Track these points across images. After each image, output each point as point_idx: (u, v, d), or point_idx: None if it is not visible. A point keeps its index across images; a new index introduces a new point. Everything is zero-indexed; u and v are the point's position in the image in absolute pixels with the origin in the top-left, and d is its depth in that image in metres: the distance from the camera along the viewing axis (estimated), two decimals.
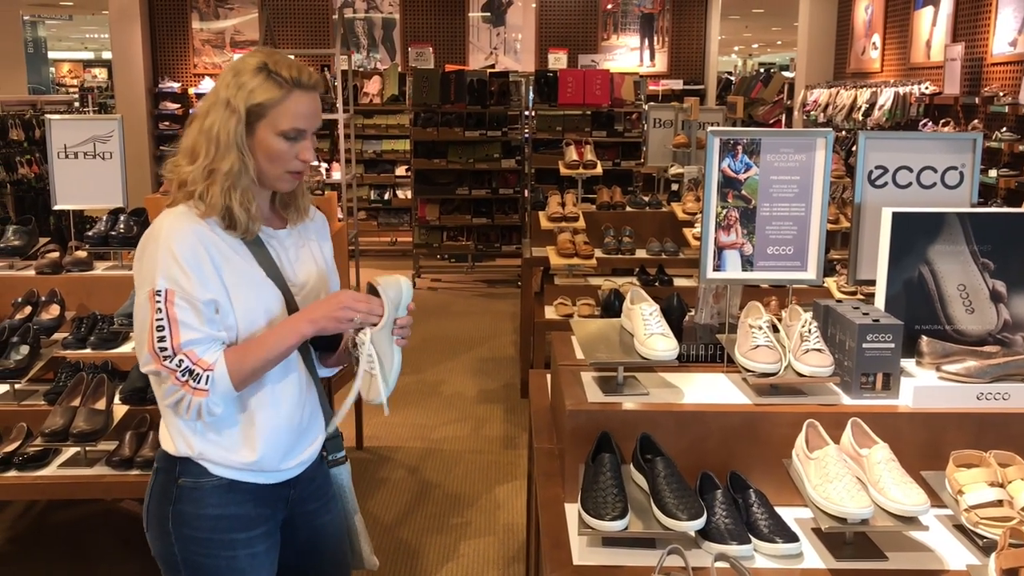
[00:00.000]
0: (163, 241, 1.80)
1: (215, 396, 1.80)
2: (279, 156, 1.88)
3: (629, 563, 2.01)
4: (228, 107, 1.85)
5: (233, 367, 1.82)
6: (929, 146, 2.63)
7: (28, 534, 4.00)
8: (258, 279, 1.91)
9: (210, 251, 1.83)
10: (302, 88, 1.88)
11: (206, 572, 1.95)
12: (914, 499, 1.97)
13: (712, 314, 2.84)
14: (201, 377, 1.78)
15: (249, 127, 1.86)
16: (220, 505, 1.93)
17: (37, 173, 8.57)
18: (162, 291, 1.78)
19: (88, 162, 4.01)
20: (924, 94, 7.78)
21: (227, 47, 12.29)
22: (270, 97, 1.85)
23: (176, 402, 1.81)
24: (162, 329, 1.77)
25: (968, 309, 2.50)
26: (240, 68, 1.88)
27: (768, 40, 23.55)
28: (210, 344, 1.81)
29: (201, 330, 1.80)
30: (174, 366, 1.78)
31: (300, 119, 1.88)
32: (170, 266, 1.79)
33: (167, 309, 1.78)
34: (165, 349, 1.78)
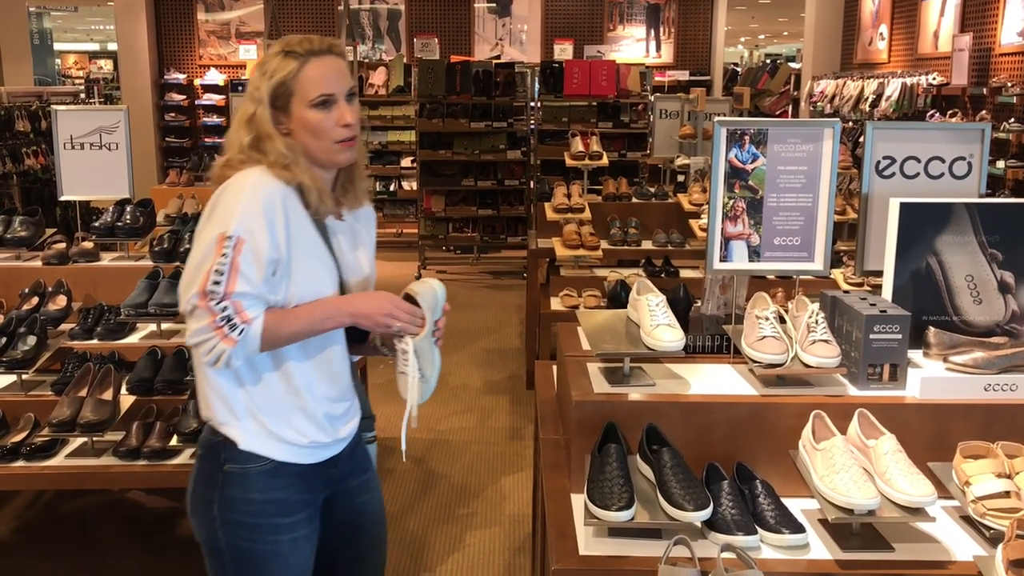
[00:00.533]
0: (248, 191, 1.84)
1: (240, 350, 1.82)
2: (320, 128, 1.91)
3: (635, 553, 2.01)
4: (253, 97, 1.92)
5: (268, 330, 1.84)
6: (937, 136, 2.62)
7: (35, 524, 4.01)
8: (323, 256, 1.96)
9: (288, 214, 1.87)
10: (315, 54, 1.92)
11: (251, 556, 1.98)
12: (921, 490, 1.97)
13: (718, 305, 2.83)
14: (237, 328, 1.80)
15: (283, 110, 1.92)
16: (266, 489, 1.96)
17: (43, 164, 8.56)
18: (233, 237, 1.80)
19: (94, 153, 4.02)
20: (931, 85, 7.74)
21: (232, 38, 12.29)
22: (288, 71, 1.90)
23: (200, 343, 1.81)
24: (221, 273, 1.79)
25: (976, 300, 2.49)
26: (262, 60, 1.97)
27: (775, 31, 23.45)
28: (257, 301, 1.84)
29: (256, 286, 1.82)
30: (218, 310, 1.79)
31: (323, 84, 1.91)
32: (249, 216, 1.82)
33: (233, 256, 1.80)
34: (216, 292, 1.79)
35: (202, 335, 1.80)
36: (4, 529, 3.94)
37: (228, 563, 1.99)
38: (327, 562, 2.16)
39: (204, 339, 1.80)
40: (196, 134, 12.24)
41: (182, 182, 6.56)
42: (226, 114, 11.38)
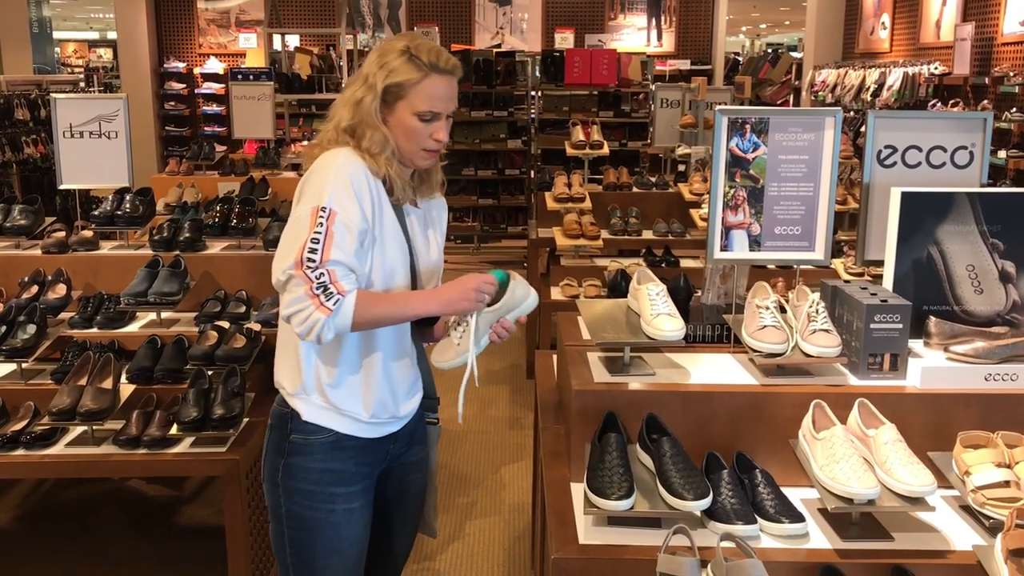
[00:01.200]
0: (338, 167, 1.93)
1: (333, 322, 1.86)
2: (414, 134, 2.01)
3: (635, 542, 2.01)
4: (366, 83, 2.00)
5: (361, 306, 1.90)
6: (939, 125, 2.61)
7: (36, 512, 4.02)
8: (397, 234, 2.04)
9: (373, 192, 1.97)
10: (439, 72, 1.99)
11: (306, 523, 2.07)
12: (921, 480, 1.97)
13: (719, 295, 2.83)
14: (333, 297, 1.86)
15: (389, 105, 2.01)
16: (326, 459, 2.05)
17: (43, 153, 8.55)
18: (327, 209, 1.88)
19: (94, 141, 4.01)
20: (933, 74, 7.71)
21: (232, 26, 12.25)
22: (408, 78, 1.97)
23: (295, 312, 1.86)
24: (317, 242, 1.87)
25: (977, 290, 2.48)
26: (385, 49, 2.02)
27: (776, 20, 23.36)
28: (349, 273, 1.91)
29: (349, 255, 1.90)
30: (314, 277, 1.86)
31: (436, 101, 2.00)
32: (339, 190, 1.91)
33: (328, 226, 1.88)
34: (313, 260, 1.86)
35: (298, 304, 1.86)
36: (5, 518, 3.95)
37: (286, 529, 2.09)
38: None
39: (300, 308, 1.86)
40: (196, 123, 12.21)
41: (182, 171, 6.55)
42: (226, 103, 11.35)
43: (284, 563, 2.13)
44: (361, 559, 2.15)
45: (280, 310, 1.93)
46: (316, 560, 2.08)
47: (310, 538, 2.07)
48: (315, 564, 2.09)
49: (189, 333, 3.45)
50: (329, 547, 2.08)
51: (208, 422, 2.99)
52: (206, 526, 3.84)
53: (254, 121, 7.06)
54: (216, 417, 2.98)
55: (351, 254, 1.91)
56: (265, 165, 6.76)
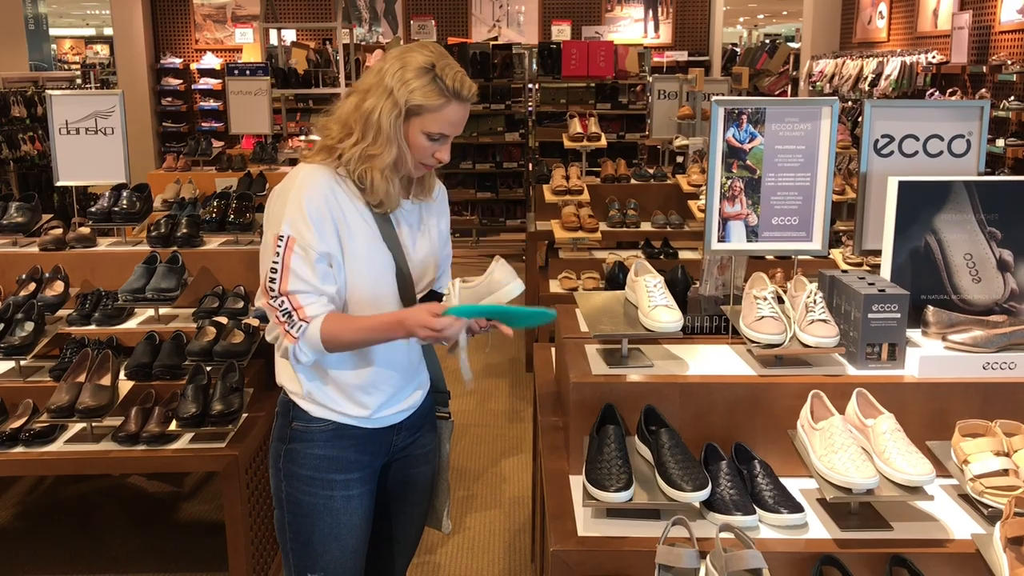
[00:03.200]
0: (295, 191, 1.95)
1: (303, 345, 1.94)
2: (418, 151, 2.00)
3: (634, 534, 2.01)
4: (390, 98, 1.95)
5: (328, 332, 1.94)
6: (935, 114, 2.60)
7: (36, 510, 4.02)
8: (375, 244, 2.02)
9: (336, 208, 1.97)
10: (460, 100, 1.99)
11: (304, 508, 2.10)
12: (919, 469, 1.97)
13: (717, 286, 2.82)
14: (296, 324, 1.92)
15: (405, 117, 1.98)
16: (325, 446, 2.09)
17: (40, 150, 8.54)
18: (284, 237, 1.93)
19: (90, 138, 4.00)
20: (931, 63, 7.70)
21: (228, 22, 12.22)
22: (429, 103, 1.95)
23: (275, 339, 1.98)
24: (275, 271, 1.93)
25: (975, 278, 2.48)
26: (408, 61, 1.96)
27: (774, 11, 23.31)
28: (316, 296, 1.94)
29: (309, 282, 1.93)
30: (276, 305, 1.94)
31: (448, 127, 2.00)
32: (295, 215, 1.93)
33: (284, 255, 1.93)
34: (273, 290, 1.94)
35: (272, 331, 1.98)
36: (5, 515, 3.95)
37: (286, 514, 2.13)
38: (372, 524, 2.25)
39: (276, 334, 1.97)
40: (193, 119, 12.19)
41: (179, 167, 6.54)
42: (223, 98, 11.32)
43: (285, 547, 2.16)
44: (360, 547, 2.16)
45: (266, 336, 2.02)
46: (314, 545, 2.11)
47: (308, 523, 2.10)
48: (313, 549, 2.11)
49: (187, 329, 3.44)
50: (327, 532, 2.10)
51: (207, 418, 2.99)
52: (206, 522, 3.84)
53: (251, 116, 7.05)
54: (215, 413, 2.98)
55: (311, 279, 1.93)
56: (262, 160, 6.75)
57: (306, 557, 2.13)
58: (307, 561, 2.13)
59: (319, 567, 2.12)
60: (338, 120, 2.03)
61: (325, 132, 2.04)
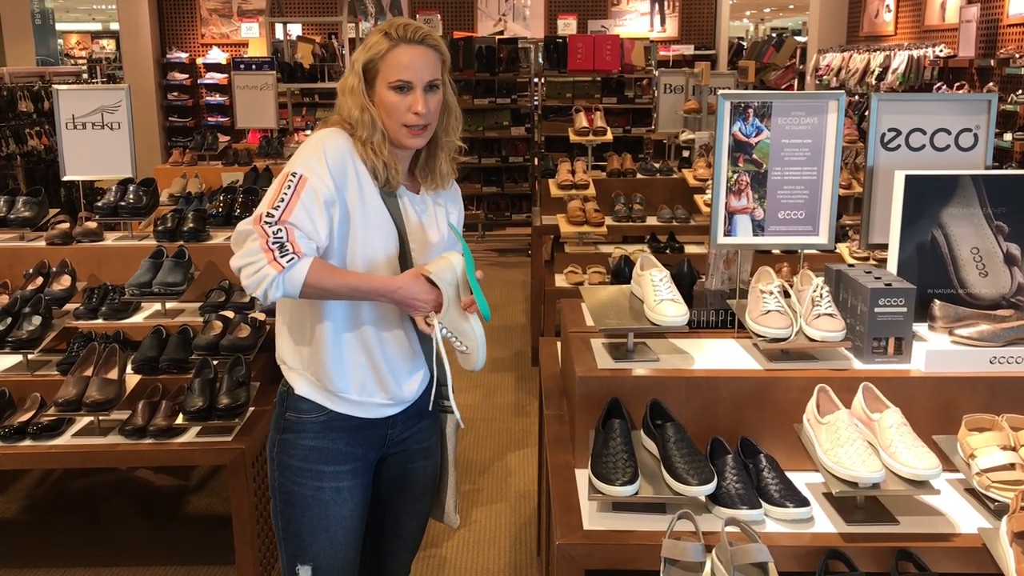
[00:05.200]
0: (316, 141, 1.98)
1: (283, 279, 1.86)
2: (392, 109, 2.01)
3: (639, 528, 2.01)
4: (352, 68, 2.05)
5: (315, 272, 1.89)
6: (943, 108, 2.60)
7: (44, 503, 4.04)
8: (383, 217, 2.04)
9: (352, 168, 1.99)
10: (407, 42, 2.00)
11: (293, 499, 2.11)
12: (926, 463, 1.96)
13: (723, 280, 2.82)
14: (288, 255, 1.86)
15: (370, 84, 2.03)
16: (316, 438, 2.09)
17: (47, 145, 8.56)
18: (297, 174, 1.93)
19: (96, 132, 4.01)
20: (938, 57, 7.67)
21: (234, 16, 12.22)
22: (378, 51, 2.00)
23: (247, 264, 1.87)
24: (282, 201, 1.89)
25: (982, 273, 2.47)
26: (369, 34, 2.08)
27: (780, 4, 23.21)
28: (310, 238, 1.91)
29: (312, 220, 1.91)
30: (271, 232, 1.87)
31: (403, 70, 1.99)
32: (312, 159, 1.94)
33: (296, 189, 1.91)
34: (272, 216, 1.88)
35: (251, 256, 1.87)
36: (13, 508, 3.97)
37: (278, 503, 2.14)
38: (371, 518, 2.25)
39: (252, 260, 1.86)
40: (199, 113, 12.20)
41: (185, 161, 6.56)
42: (228, 93, 11.33)
43: (279, 536, 2.18)
44: (350, 540, 2.15)
45: (232, 261, 1.92)
46: (304, 536, 2.12)
47: (298, 513, 2.11)
48: (303, 539, 2.12)
49: (194, 323, 3.45)
50: (315, 523, 2.10)
51: (213, 411, 3.00)
52: (213, 515, 3.85)
53: (257, 111, 7.06)
54: (221, 406, 2.99)
55: (314, 219, 1.91)
56: (268, 154, 6.75)
57: (296, 547, 2.14)
58: (297, 551, 2.14)
59: (308, 557, 2.13)
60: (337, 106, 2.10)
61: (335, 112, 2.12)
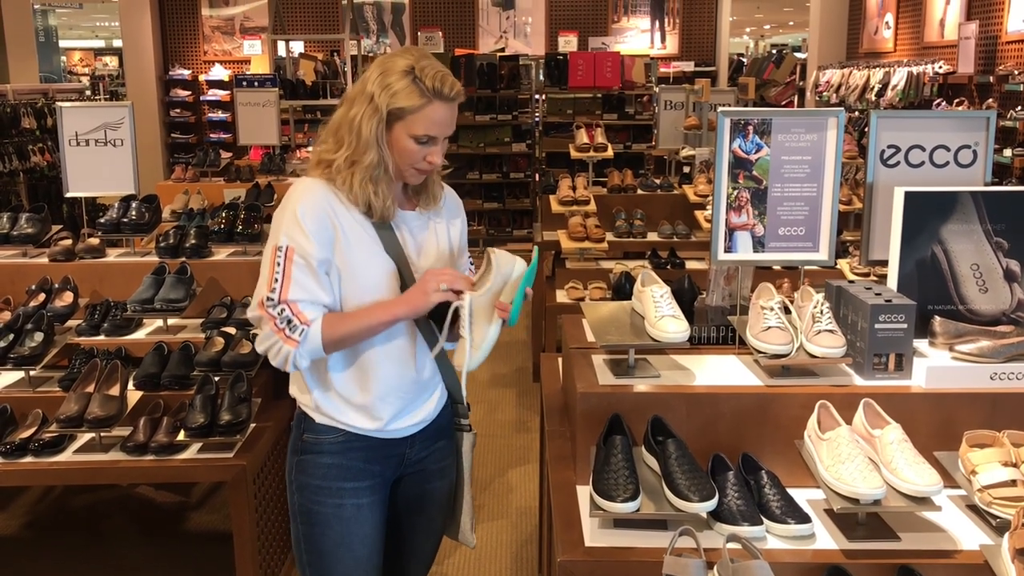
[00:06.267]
0: (291, 203, 1.98)
1: (303, 349, 1.95)
2: (409, 155, 2.00)
3: (641, 544, 2.01)
4: (371, 104, 1.97)
5: (327, 330, 1.96)
6: (942, 124, 2.61)
7: (45, 519, 4.03)
8: (376, 254, 2.03)
9: (333, 218, 1.98)
10: (442, 99, 1.98)
11: (315, 518, 2.12)
12: (927, 479, 1.96)
13: (724, 296, 2.83)
14: (297, 328, 1.94)
15: (388, 125, 1.99)
16: (334, 456, 2.10)
17: (49, 161, 8.59)
18: (283, 247, 1.95)
19: (99, 149, 4.02)
20: (938, 74, 7.70)
21: (237, 33, 12.29)
22: (411, 104, 1.96)
23: (268, 348, 1.97)
24: (277, 281, 1.95)
25: (982, 289, 2.48)
26: (389, 67, 1.98)
27: (780, 21, 23.34)
28: (314, 304, 1.97)
29: (310, 289, 1.96)
30: (275, 313, 1.95)
31: (433, 127, 1.99)
32: (294, 229, 1.95)
33: (285, 265, 1.95)
34: (272, 298, 1.95)
35: (267, 340, 1.97)
36: (14, 524, 3.96)
37: (299, 525, 2.15)
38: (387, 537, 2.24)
39: (270, 344, 1.96)
40: (201, 130, 12.26)
41: (188, 178, 6.58)
42: (231, 109, 11.39)
43: (301, 562, 2.17)
44: (372, 558, 2.15)
45: (256, 347, 2.02)
46: (325, 556, 2.11)
47: (318, 532, 2.11)
48: (324, 560, 2.12)
49: (196, 339, 3.46)
50: (338, 541, 2.10)
51: (215, 428, 3.00)
52: (214, 532, 3.85)
53: (259, 127, 7.09)
54: (223, 423, 2.99)
55: (312, 288, 1.96)
56: (271, 171, 6.78)
57: (319, 567, 2.13)
58: (322, 573, 2.13)
59: None
60: (329, 131, 2.06)
61: (321, 145, 2.07)
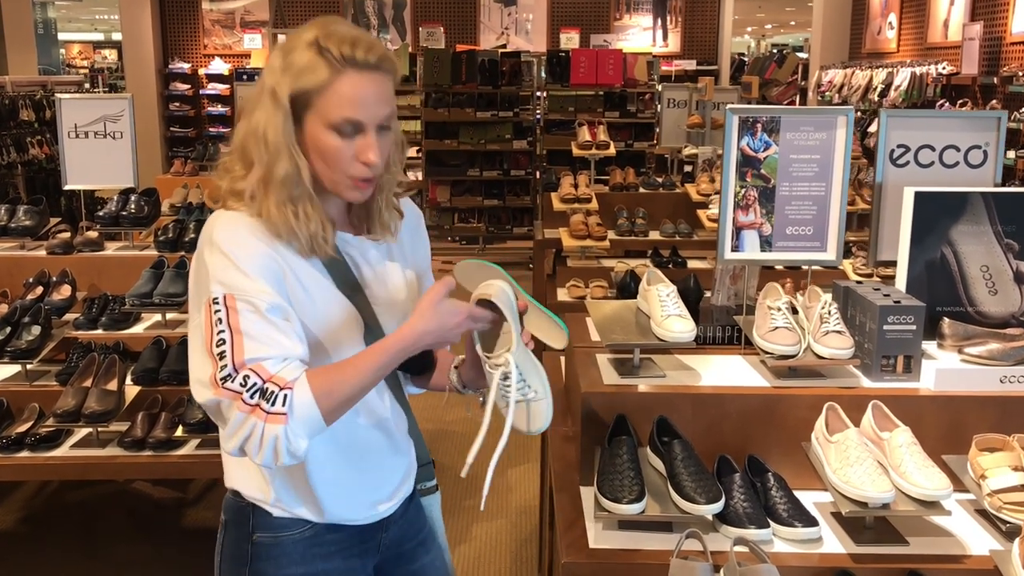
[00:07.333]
0: (215, 241, 1.46)
1: (296, 424, 1.38)
2: (333, 157, 1.48)
3: (645, 547, 1.98)
4: (274, 98, 1.47)
5: (319, 389, 1.41)
6: (952, 124, 2.58)
7: (41, 514, 4.00)
8: (328, 294, 1.55)
9: (270, 249, 1.48)
10: (356, 67, 1.46)
11: None
12: (936, 483, 1.94)
13: (729, 295, 2.80)
14: (276, 397, 1.37)
15: (297, 120, 1.49)
16: (305, 560, 1.61)
17: (48, 154, 8.54)
18: (219, 297, 1.42)
19: (99, 141, 4.00)
20: (941, 74, 7.67)
21: (237, 27, 12.24)
22: (315, 81, 1.45)
23: (245, 439, 1.39)
24: (223, 344, 1.39)
25: (991, 290, 2.45)
26: (289, 47, 1.49)
27: (782, 20, 23.31)
28: (284, 360, 1.41)
29: (272, 341, 1.41)
30: (237, 387, 1.38)
31: (352, 107, 1.46)
32: (226, 269, 1.43)
33: (228, 320, 1.40)
34: (226, 367, 1.39)
35: (241, 430, 1.38)
36: (10, 519, 3.93)
37: None
38: None
39: (245, 433, 1.38)
40: (200, 124, 12.21)
41: (187, 171, 6.55)
42: (230, 103, 11.35)
43: None
44: None
45: (224, 445, 1.43)
46: None
47: None
48: None
49: None
50: None
51: (214, 423, 2.97)
52: (211, 528, 3.79)
53: None
54: None
55: (274, 338, 1.41)
56: None
57: None
58: None
59: None
60: (235, 154, 1.53)
61: (227, 175, 1.54)
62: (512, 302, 1.56)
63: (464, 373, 1.73)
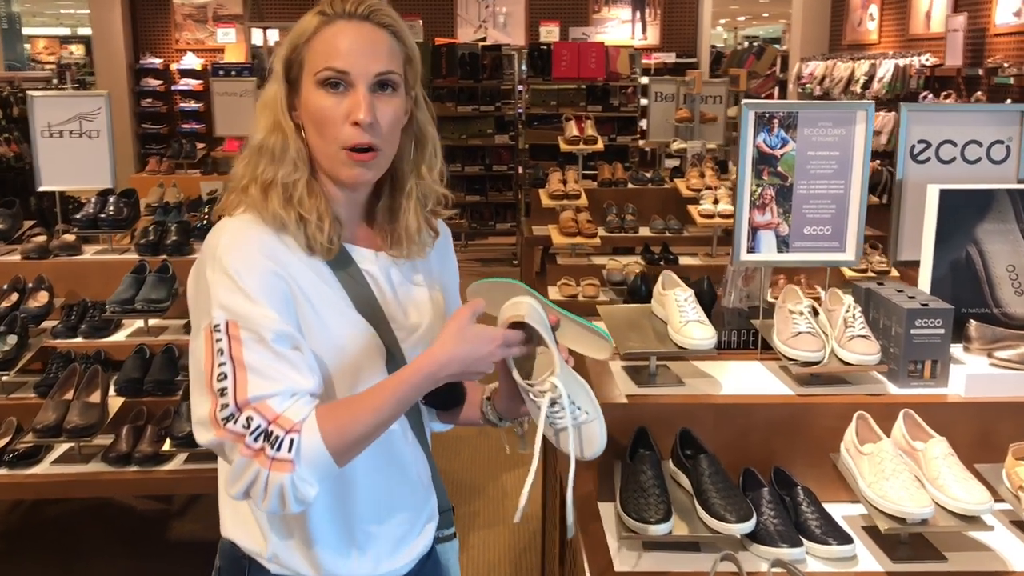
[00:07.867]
0: (218, 258, 1.33)
1: (304, 470, 1.26)
2: (323, 117, 1.37)
3: (673, 568, 1.88)
4: (272, 69, 1.42)
5: (329, 429, 1.28)
6: (974, 119, 2.49)
7: (19, 529, 3.85)
8: (344, 318, 1.40)
9: (278, 268, 1.35)
10: (344, 17, 1.38)
11: None
12: (978, 497, 1.85)
13: (741, 297, 2.70)
14: (282, 442, 1.25)
15: (295, 87, 1.41)
16: None
17: (16, 152, 8.31)
18: (221, 325, 1.29)
19: (74, 141, 3.83)
20: (924, 66, 7.64)
21: (210, 21, 11.99)
22: (304, 35, 1.39)
23: (249, 485, 1.27)
24: (224, 379, 1.27)
25: (1017, 291, 2.37)
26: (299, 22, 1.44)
27: (755, 12, 23.28)
28: (294, 395, 1.29)
29: (279, 375, 1.29)
30: (240, 429, 1.26)
31: (337, 55, 1.36)
32: (229, 291, 1.30)
33: (230, 349, 1.28)
34: (227, 407, 1.27)
35: (244, 476, 1.26)
36: None
37: None
38: None
39: (249, 480, 1.26)
40: (173, 120, 11.95)
41: (162, 170, 6.37)
42: (204, 99, 11.11)
43: None
44: None
45: (228, 489, 1.31)
46: None
47: None
48: None
49: (179, 341, 3.29)
50: None
51: None
52: (197, 541, 3.68)
53: (236, 118, 6.85)
54: None
55: (282, 372, 1.29)
56: None
57: None
58: None
59: None
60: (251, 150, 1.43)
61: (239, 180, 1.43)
62: (544, 319, 1.42)
63: (499, 403, 1.58)
